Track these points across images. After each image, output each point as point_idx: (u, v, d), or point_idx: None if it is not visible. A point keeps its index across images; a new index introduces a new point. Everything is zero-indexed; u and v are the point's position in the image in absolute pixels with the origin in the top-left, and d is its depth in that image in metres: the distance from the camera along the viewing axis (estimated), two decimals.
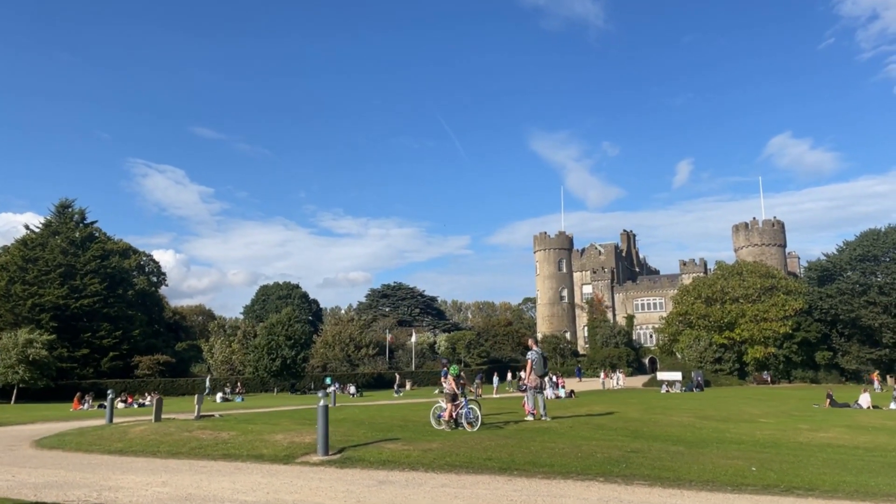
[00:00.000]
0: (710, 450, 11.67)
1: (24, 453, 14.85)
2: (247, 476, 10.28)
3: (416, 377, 71.11)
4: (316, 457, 11.73)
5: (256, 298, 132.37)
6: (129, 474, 10.80)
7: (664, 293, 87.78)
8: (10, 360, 52.12)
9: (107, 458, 13.30)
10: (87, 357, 64.23)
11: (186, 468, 11.41)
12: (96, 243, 71.58)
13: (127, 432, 16.40)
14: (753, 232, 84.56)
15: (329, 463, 11.19)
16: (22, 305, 62.95)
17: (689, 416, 19.48)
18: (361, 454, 11.66)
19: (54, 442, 16.31)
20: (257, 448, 13.02)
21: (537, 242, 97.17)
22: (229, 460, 12.20)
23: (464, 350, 78.62)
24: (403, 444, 12.42)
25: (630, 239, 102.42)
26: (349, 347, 74.49)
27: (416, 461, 10.76)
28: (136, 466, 11.80)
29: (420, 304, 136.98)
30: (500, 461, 10.34)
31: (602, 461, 10.15)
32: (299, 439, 13.63)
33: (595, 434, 14.07)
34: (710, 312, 62.39)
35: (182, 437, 15.09)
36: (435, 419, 15.88)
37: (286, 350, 60.84)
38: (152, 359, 67.46)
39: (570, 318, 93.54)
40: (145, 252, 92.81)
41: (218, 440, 14.20)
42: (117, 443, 15.09)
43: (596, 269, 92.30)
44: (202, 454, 12.99)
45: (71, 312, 64.87)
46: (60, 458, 13.37)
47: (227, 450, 13.12)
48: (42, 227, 71.02)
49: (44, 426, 23.45)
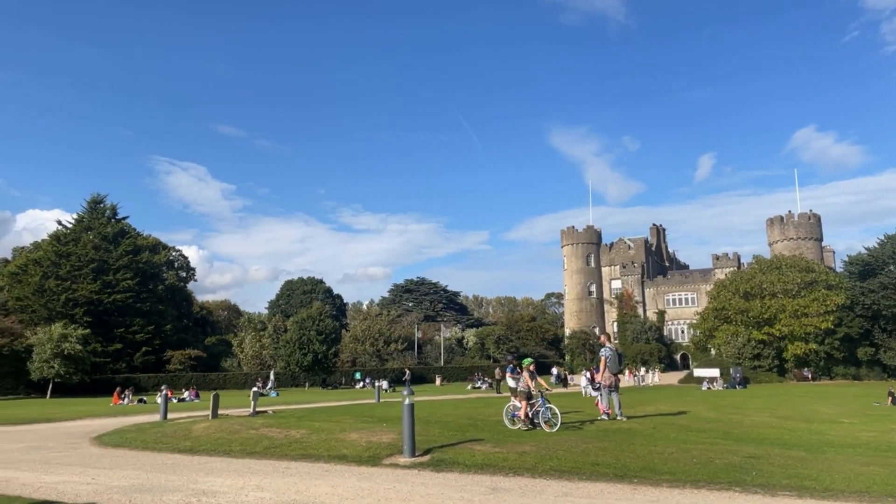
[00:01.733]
0: (832, 455, 10.85)
1: (89, 452, 14.40)
2: (341, 479, 9.67)
3: (446, 372, 70.53)
4: (403, 458, 11.10)
5: (281, 293, 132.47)
6: (215, 476, 10.25)
7: (696, 288, 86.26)
8: (45, 354, 52.40)
9: (180, 457, 12.79)
10: (121, 352, 64.59)
11: (271, 469, 10.84)
12: (127, 238, 71.92)
13: (190, 430, 15.91)
14: (789, 225, 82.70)
15: (421, 465, 10.55)
16: (56, 300, 63.36)
17: (766, 415, 18.63)
18: (452, 456, 11.01)
19: (116, 440, 15.87)
20: (336, 448, 12.43)
21: (564, 237, 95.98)
22: (311, 461, 11.61)
23: (493, 345, 77.92)
24: (492, 445, 11.75)
25: (660, 233, 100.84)
26: (378, 342, 74.12)
27: (517, 465, 10.08)
28: (216, 467, 11.26)
29: (443, 300, 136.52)
30: (611, 467, 9.63)
31: (725, 468, 9.40)
32: (376, 439, 13.03)
33: (687, 436, 13.30)
34: (749, 307, 60.97)
35: (250, 435, 14.57)
36: (509, 419, 15.18)
37: (317, 345, 60.63)
38: (184, 353, 67.73)
39: (599, 314, 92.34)
40: (174, 247, 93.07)
41: (290, 439, 13.64)
42: (184, 441, 14.60)
43: (625, 263, 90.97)
44: (279, 454, 12.42)
45: (104, 307, 65.23)
46: (132, 458, 12.88)
47: (304, 449, 12.54)
48: (74, 223, 71.50)
49: (93, 422, 23.16)
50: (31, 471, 11.42)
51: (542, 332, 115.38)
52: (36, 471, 11.41)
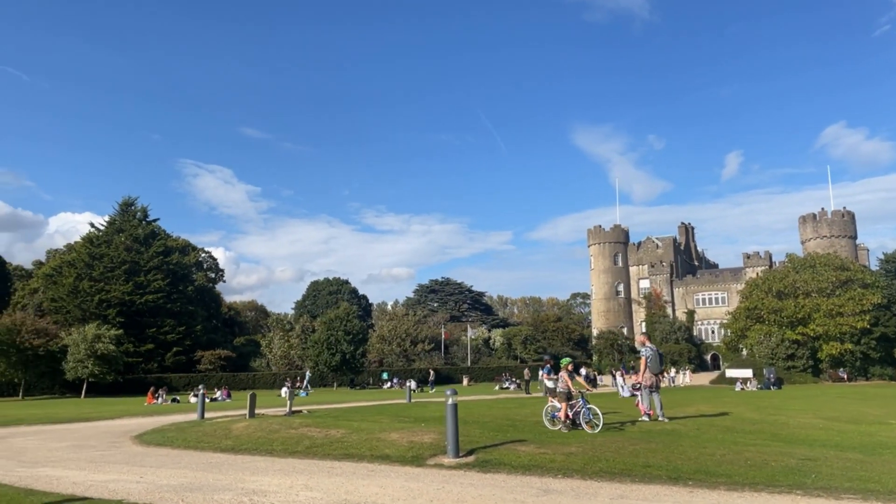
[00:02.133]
0: (890, 457, 10.53)
1: (132, 450, 14.55)
2: (388, 480, 9.60)
3: (473, 373, 70.40)
4: (447, 458, 10.99)
5: (307, 294, 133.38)
6: (261, 475, 10.25)
7: (727, 287, 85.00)
8: (79, 354, 53.33)
9: (223, 456, 12.84)
10: (152, 352, 65.56)
11: (316, 469, 10.81)
12: (158, 240, 73.00)
13: (230, 429, 16.00)
14: (822, 223, 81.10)
15: (467, 466, 10.44)
16: (89, 301, 64.55)
17: (810, 416, 18.20)
18: (497, 457, 10.88)
19: (158, 438, 16.02)
20: (378, 448, 12.37)
21: (591, 236, 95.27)
22: (354, 461, 11.57)
23: (520, 346, 77.56)
24: (536, 446, 11.59)
25: (688, 232, 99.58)
26: (405, 343, 74.23)
27: (565, 466, 9.92)
28: (260, 467, 11.27)
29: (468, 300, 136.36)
30: (664, 469, 9.42)
31: (782, 471, 9.14)
32: (417, 439, 12.95)
33: (735, 438, 13.01)
34: (783, 307, 59.87)
35: (290, 434, 14.59)
36: (548, 419, 15.00)
37: (345, 345, 60.90)
38: (214, 353, 68.51)
39: (627, 314, 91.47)
40: (203, 248, 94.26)
41: (331, 438, 13.63)
42: (225, 440, 14.67)
43: (654, 262, 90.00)
44: (321, 453, 12.41)
45: (136, 308, 66.27)
46: (176, 457, 12.97)
47: (346, 449, 12.51)
48: (106, 225, 72.73)
49: (132, 421, 23.43)
50: (78, 469, 11.55)
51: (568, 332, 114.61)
52: (84, 469, 11.54)
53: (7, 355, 53.94)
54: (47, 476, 10.70)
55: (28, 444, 16.19)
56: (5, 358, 54.21)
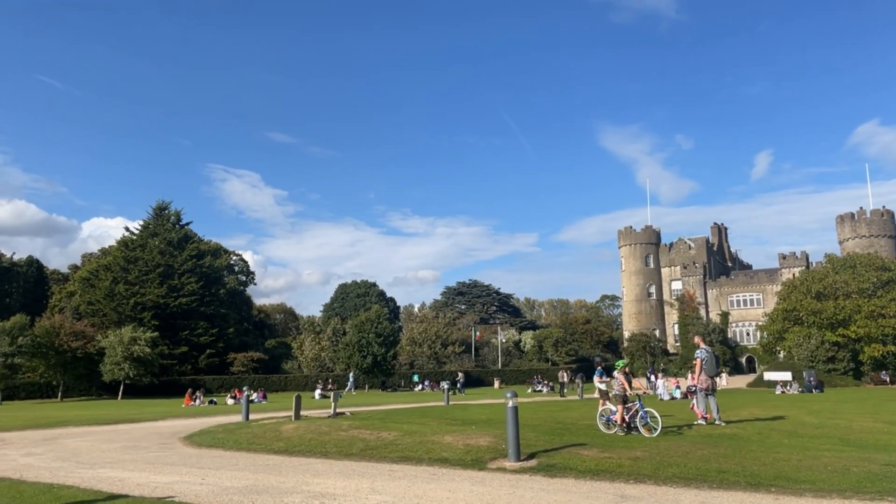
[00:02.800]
0: None
1: (185, 451, 14.58)
2: (454, 484, 9.41)
3: (504, 375, 70.04)
4: (508, 462, 10.78)
5: (336, 296, 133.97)
6: (322, 478, 10.14)
7: (762, 289, 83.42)
8: (116, 356, 54.13)
9: (277, 458, 12.78)
10: (186, 354, 66.29)
11: (375, 472, 10.67)
12: (191, 244, 73.84)
13: (279, 431, 15.96)
14: (861, 223, 79.21)
15: (531, 470, 10.21)
16: (125, 304, 65.50)
17: (869, 420, 17.62)
18: (560, 461, 10.64)
19: (208, 440, 16.04)
20: (434, 451, 12.19)
21: (622, 237, 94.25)
22: (412, 464, 11.41)
23: (551, 348, 76.95)
24: (599, 450, 11.32)
25: (721, 232, 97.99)
26: (435, 345, 74.10)
27: (635, 471, 9.64)
28: (319, 469, 11.17)
29: (496, 302, 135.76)
30: (740, 475, 9.09)
31: (867, 477, 8.76)
32: (472, 442, 12.75)
33: (804, 443, 12.60)
34: (822, 308, 58.46)
35: (341, 436, 14.50)
36: (603, 423, 14.70)
37: (376, 347, 60.91)
38: (246, 356, 69.07)
39: (659, 316, 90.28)
40: (235, 252, 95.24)
41: (384, 441, 13.49)
42: (276, 442, 14.62)
43: (686, 264, 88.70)
44: (377, 456, 12.27)
45: (170, 311, 67.08)
46: (231, 458, 12.94)
47: (402, 452, 12.36)
48: (141, 229, 73.76)
49: (176, 423, 23.57)
50: (138, 471, 11.56)
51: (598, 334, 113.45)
52: (143, 471, 11.55)
53: (46, 357, 55.04)
54: (109, 477, 10.72)
55: (80, 445, 16.33)
56: (45, 360, 55.33)
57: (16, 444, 16.62)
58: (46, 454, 14.49)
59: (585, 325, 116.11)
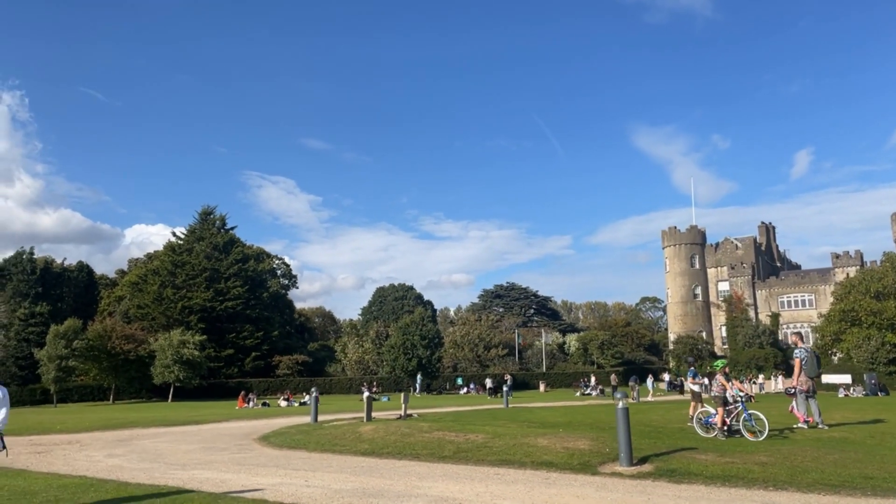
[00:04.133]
0: None
1: (265, 452, 14.31)
2: (578, 489, 8.88)
3: (549, 378, 69.05)
4: (622, 467, 10.19)
5: (374, 300, 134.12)
6: (430, 481, 9.70)
7: (814, 289, 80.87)
8: (166, 359, 54.80)
9: (370, 460, 12.40)
10: (232, 357, 66.87)
11: (482, 475, 10.19)
12: (236, 248, 74.53)
13: (358, 433, 15.62)
14: None
15: (651, 475, 9.61)
16: (173, 308, 66.38)
17: None
18: (679, 466, 10.02)
19: (284, 441, 15.78)
20: (533, 454, 11.67)
21: (666, 238, 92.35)
22: (516, 467, 10.89)
23: (596, 351, 75.70)
24: (716, 455, 10.66)
25: (769, 232, 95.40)
26: (478, 348, 73.52)
27: (770, 478, 8.96)
28: (421, 472, 10.72)
29: (534, 304, 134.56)
30: (891, 481, 8.38)
31: None
32: (571, 445, 12.20)
33: None
34: (883, 309, 56.36)
35: (425, 438, 14.07)
36: (701, 426, 14.00)
37: (421, 350, 60.60)
38: (291, 358, 69.38)
39: (706, 318, 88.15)
40: (277, 256, 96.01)
41: (475, 443, 13.01)
42: (359, 443, 14.27)
43: (734, 264, 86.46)
44: (474, 459, 11.78)
45: (216, 314, 67.76)
46: (319, 460, 12.60)
47: (499, 455, 11.85)
48: (187, 234, 74.77)
49: (242, 424, 23.47)
50: (232, 472, 11.29)
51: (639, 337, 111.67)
52: (237, 472, 11.27)
53: (98, 360, 55.98)
54: (208, 479, 10.45)
55: (159, 446, 16.21)
56: (97, 363, 56.30)
57: (93, 446, 16.56)
58: (129, 455, 14.37)
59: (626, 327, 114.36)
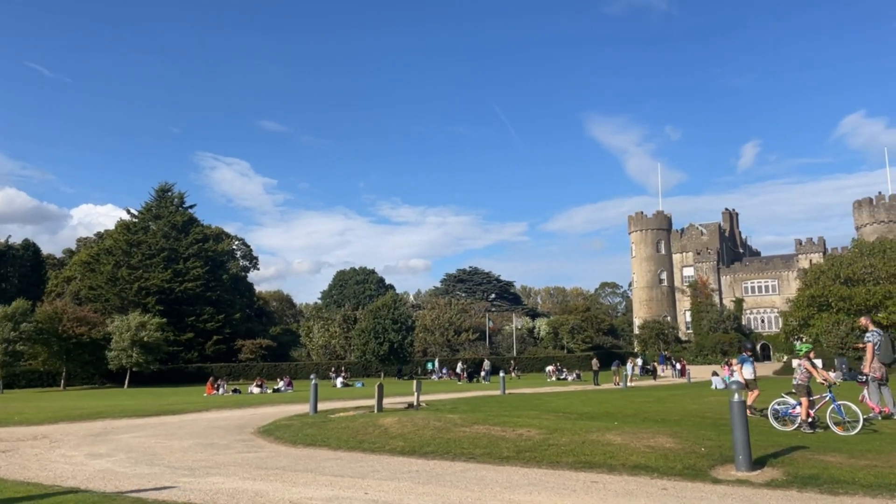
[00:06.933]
0: None
1: (280, 450, 12.26)
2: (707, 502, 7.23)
3: (520, 363, 68.05)
4: (741, 472, 8.55)
5: (334, 283, 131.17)
6: (520, 493, 7.90)
7: (778, 275, 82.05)
8: (123, 343, 51.45)
9: (416, 461, 10.51)
10: (192, 341, 63.72)
11: (573, 483, 8.45)
12: (195, 227, 70.93)
13: (381, 426, 13.64)
14: (879, 208, 77.94)
15: (784, 483, 8.02)
16: (128, 289, 62.75)
17: None
18: (808, 471, 8.46)
19: (297, 437, 13.69)
20: (617, 455, 9.92)
21: (633, 223, 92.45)
22: (605, 471, 9.18)
23: (567, 335, 75.08)
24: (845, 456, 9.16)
25: (733, 218, 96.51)
26: (448, 332, 71.98)
27: None
28: (494, 478, 8.91)
29: (496, 289, 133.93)
30: None
31: None
32: (653, 442, 10.54)
33: None
34: (853, 294, 56.99)
35: (464, 433, 12.26)
36: (777, 419, 12.54)
37: (392, 334, 58.66)
38: (254, 343, 66.68)
39: (671, 303, 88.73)
40: (237, 237, 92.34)
41: (533, 441, 11.24)
42: (391, 440, 12.31)
43: (699, 250, 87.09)
44: (545, 461, 10.01)
45: (175, 296, 64.39)
46: (354, 462, 10.66)
47: (574, 456, 10.09)
48: (143, 212, 70.72)
49: (225, 414, 21.21)
50: (259, 479, 9.25)
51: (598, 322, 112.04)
52: (265, 479, 9.23)
53: (48, 344, 52.20)
54: (236, 489, 8.41)
55: (145, 443, 13.93)
56: (47, 347, 52.51)
57: (66, 443, 14.18)
58: (116, 455, 12.14)
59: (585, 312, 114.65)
